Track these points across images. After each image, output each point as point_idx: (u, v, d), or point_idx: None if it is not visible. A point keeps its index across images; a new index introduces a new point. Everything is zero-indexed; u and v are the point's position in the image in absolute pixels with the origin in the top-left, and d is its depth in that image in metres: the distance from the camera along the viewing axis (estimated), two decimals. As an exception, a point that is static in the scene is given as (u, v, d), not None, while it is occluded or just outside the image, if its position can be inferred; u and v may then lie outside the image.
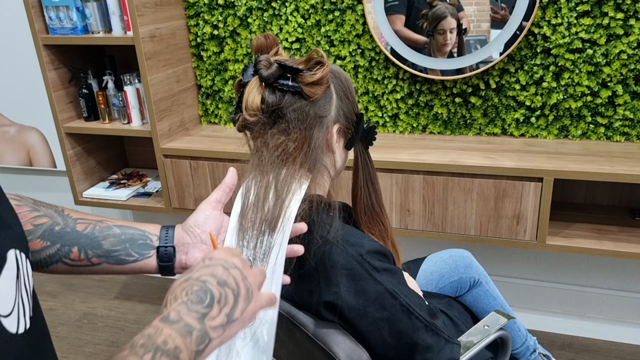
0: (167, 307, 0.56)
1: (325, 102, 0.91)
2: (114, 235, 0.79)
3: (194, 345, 0.53)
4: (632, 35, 1.64)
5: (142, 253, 0.80)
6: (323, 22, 1.91)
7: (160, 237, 0.81)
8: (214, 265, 0.62)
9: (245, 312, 0.61)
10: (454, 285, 1.40)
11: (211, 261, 0.62)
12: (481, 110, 1.87)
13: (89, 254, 0.78)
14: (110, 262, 0.79)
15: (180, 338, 0.52)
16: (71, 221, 0.79)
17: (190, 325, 0.54)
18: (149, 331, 0.52)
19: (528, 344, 1.45)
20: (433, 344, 0.95)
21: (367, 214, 1.07)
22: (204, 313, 0.56)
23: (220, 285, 0.59)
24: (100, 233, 0.79)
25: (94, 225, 0.80)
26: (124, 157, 2.44)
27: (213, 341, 0.56)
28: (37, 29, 1.95)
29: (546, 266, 2.06)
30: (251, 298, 0.62)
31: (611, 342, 2.04)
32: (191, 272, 0.61)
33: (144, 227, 0.82)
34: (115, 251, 0.79)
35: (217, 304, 0.58)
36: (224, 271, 0.61)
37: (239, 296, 0.60)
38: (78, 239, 0.78)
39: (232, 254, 0.65)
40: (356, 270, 0.89)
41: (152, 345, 0.50)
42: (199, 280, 0.59)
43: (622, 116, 1.74)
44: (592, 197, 1.87)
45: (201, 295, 0.57)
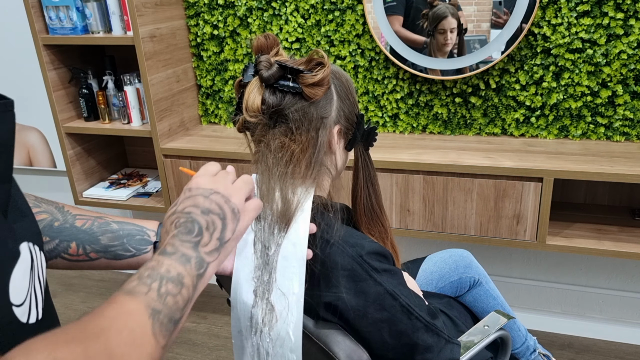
0: (162, 242, 0.59)
1: (325, 103, 0.91)
2: (112, 231, 0.81)
3: (194, 270, 0.57)
4: (632, 35, 1.64)
5: (140, 248, 0.81)
6: (323, 22, 1.91)
7: (158, 233, 0.82)
8: (195, 195, 0.64)
9: (237, 230, 0.64)
10: (454, 285, 1.40)
11: (191, 192, 0.64)
12: (481, 110, 1.87)
13: (87, 249, 0.79)
14: (108, 257, 0.80)
15: (181, 266, 0.56)
16: (70, 217, 0.80)
17: (186, 255, 0.57)
18: (152, 264, 0.55)
19: (528, 344, 1.45)
20: (433, 344, 0.95)
21: (366, 214, 1.07)
22: (196, 242, 0.59)
23: (204, 213, 0.62)
24: (98, 229, 0.80)
25: (93, 221, 0.81)
26: (124, 157, 2.44)
27: (211, 264, 0.60)
28: (37, 29, 1.95)
29: (546, 266, 2.06)
30: (238, 216, 0.65)
31: (611, 342, 2.04)
32: (175, 205, 0.64)
33: (142, 223, 0.83)
34: (113, 246, 0.80)
35: (207, 231, 0.61)
36: (205, 199, 0.63)
37: (226, 218, 0.63)
38: (77, 235, 0.79)
39: (210, 176, 0.67)
40: (356, 271, 0.89)
41: (157, 275, 0.53)
42: (184, 213, 0.62)
43: (622, 116, 1.74)
44: (592, 197, 1.87)
45: (189, 226, 0.60)
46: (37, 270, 0.51)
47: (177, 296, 0.53)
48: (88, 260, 0.80)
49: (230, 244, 0.63)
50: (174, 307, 0.52)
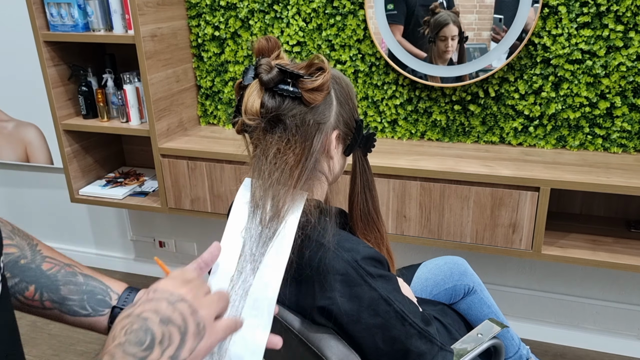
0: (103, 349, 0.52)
1: (325, 108, 0.91)
2: (76, 284, 0.76)
3: None
4: (631, 47, 1.64)
5: (97, 309, 0.76)
6: (324, 26, 1.91)
7: (121, 297, 0.76)
8: (158, 299, 0.56)
9: (197, 350, 0.55)
10: (448, 293, 1.40)
11: (155, 294, 0.57)
12: (480, 118, 1.87)
13: (44, 297, 0.74)
14: (63, 310, 0.75)
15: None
16: (39, 257, 0.76)
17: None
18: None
19: (521, 353, 1.45)
20: (426, 351, 0.95)
21: (363, 220, 1.07)
22: (143, 356, 0.51)
23: (163, 323, 0.54)
24: (62, 277, 0.75)
25: (60, 267, 0.76)
26: (121, 155, 2.44)
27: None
28: (37, 25, 1.95)
29: (541, 276, 2.06)
30: (203, 333, 0.56)
31: (604, 353, 2.04)
32: (133, 306, 0.56)
33: (110, 283, 0.78)
34: (70, 300, 0.75)
35: (159, 346, 0.52)
36: (169, 306, 0.55)
37: (187, 334, 0.55)
38: (39, 278, 0.74)
39: (183, 281, 0.59)
40: (351, 276, 0.88)
41: None
42: (140, 317, 0.54)
43: (620, 128, 1.74)
44: (588, 208, 1.87)
45: (140, 335, 0.52)
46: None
47: None
48: (41, 308, 0.75)
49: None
50: None
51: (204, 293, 0.60)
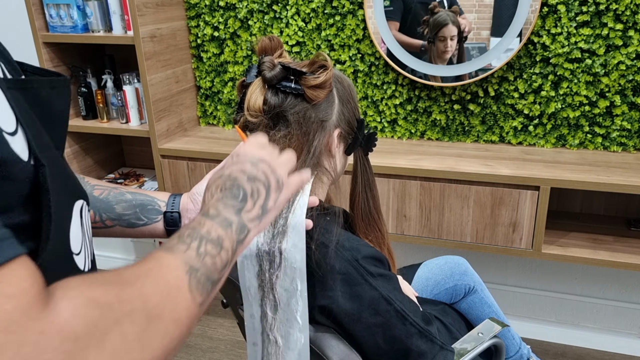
0: (205, 204, 0.60)
1: (327, 106, 0.91)
2: (126, 201, 0.86)
3: (235, 234, 0.57)
4: (631, 46, 1.64)
5: (151, 218, 0.86)
6: (324, 26, 1.91)
7: (168, 203, 0.87)
8: (243, 161, 0.64)
9: (278, 201, 0.65)
10: (449, 292, 1.40)
11: (239, 157, 0.65)
12: (479, 117, 1.87)
13: (103, 217, 0.84)
14: (123, 224, 0.85)
15: (222, 229, 0.56)
16: (89, 187, 0.85)
17: (228, 219, 0.58)
18: (193, 225, 0.55)
19: (522, 352, 1.45)
20: (427, 351, 0.95)
21: (364, 219, 1.07)
22: (240, 208, 0.60)
23: (250, 180, 0.62)
24: (113, 198, 0.85)
25: (109, 191, 0.86)
26: (121, 156, 2.44)
27: (251, 231, 0.60)
28: (37, 27, 1.95)
29: (541, 275, 2.06)
30: (282, 187, 0.65)
31: (605, 352, 2.04)
32: (222, 169, 0.65)
33: (154, 195, 0.88)
34: (126, 215, 0.85)
35: (251, 198, 0.61)
36: (253, 166, 0.64)
37: (270, 188, 0.63)
38: (94, 203, 0.84)
39: (259, 146, 0.67)
40: (351, 275, 0.89)
41: (197, 235, 0.54)
42: (231, 177, 0.62)
43: (620, 126, 1.74)
44: (588, 207, 1.88)
45: (235, 191, 0.61)
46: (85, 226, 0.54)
47: (215, 257, 0.53)
48: (104, 227, 0.84)
49: (271, 214, 0.64)
50: (212, 267, 0.52)
51: (277, 155, 0.68)
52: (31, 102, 0.45)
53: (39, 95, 0.47)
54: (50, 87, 0.49)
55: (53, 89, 0.49)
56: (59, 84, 0.50)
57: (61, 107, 0.51)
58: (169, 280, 0.47)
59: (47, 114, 0.48)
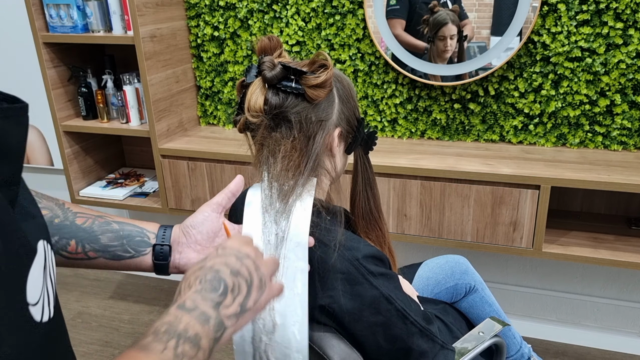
0: (182, 295, 0.57)
1: (327, 106, 0.91)
2: (112, 231, 0.80)
3: (212, 332, 0.55)
4: (631, 45, 1.64)
5: (139, 250, 0.80)
6: (324, 26, 1.91)
7: (158, 235, 0.82)
8: (227, 254, 0.62)
9: (258, 302, 0.62)
10: (449, 291, 1.40)
11: (224, 250, 0.63)
12: (480, 116, 1.87)
13: (86, 248, 0.78)
14: (107, 257, 0.80)
15: (199, 325, 0.54)
16: (71, 214, 0.80)
17: (206, 313, 0.55)
18: (169, 319, 0.53)
19: (522, 352, 1.45)
20: (428, 350, 0.95)
21: (364, 218, 1.07)
22: (218, 302, 0.57)
23: (233, 274, 0.60)
24: (98, 228, 0.80)
25: (93, 220, 0.80)
26: (121, 156, 2.44)
27: (227, 329, 0.57)
28: (37, 27, 1.95)
29: (542, 274, 2.06)
30: (264, 288, 0.63)
31: (605, 350, 2.04)
32: (204, 261, 0.62)
33: (142, 225, 0.82)
34: (112, 246, 0.80)
35: (231, 293, 0.59)
36: (237, 261, 0.62)
37: (252, 286, 0.61)
38: (76, 233, 0.78)
39: (245, 242, 0.66)
40: (352, 275, 0.89)
41: (175, 332, 0.51)
42: (213, 269, 0.60)
43: (620, 125, 1.74)
44: (589, 206, 1.88)
45: (215, 284, 0.58)
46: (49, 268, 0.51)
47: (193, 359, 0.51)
48: (86, 259, 0.79)
49: (249, 314, 0.61)
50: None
51: (262, 254, 0.66)
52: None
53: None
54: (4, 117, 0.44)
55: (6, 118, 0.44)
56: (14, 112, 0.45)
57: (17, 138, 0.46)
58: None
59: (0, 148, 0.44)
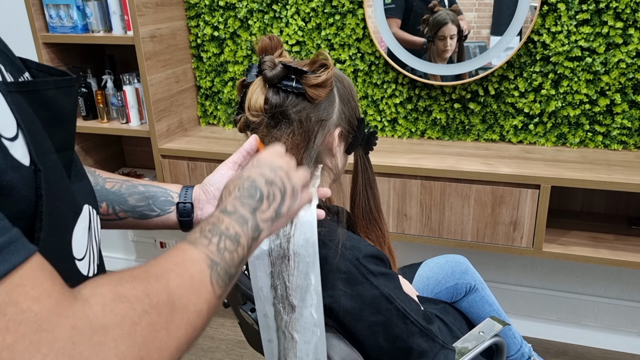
0: (223, 201, 0.62)
1: (328, 105, 0.91)
2: (139, 193, 0.87)
3: (250, 232, 0.60)
4: (631, 44, 1.64)
5: (164, 209, 0.87)
6: (323, 26, 1.91)
7: (180, 194, 0.88)
8: (262, 166, 0.67)
9: (291, 209, 0.67)
10: (449, 291, 1.40)
11: (259, 162, 0.67)
12: (480, 116, 1.87)
13: (116, 209, 0.85)
14: (136, 216, 0.86)
15: (239, 226, 0.59)
16: (101, 180, 0.86)
17: (244, 217, 0.60)
18: (213, 220, 0.58)
19: (523, 351, 1.45)
20: (428, 349, 0.95)
21: (364, 218, 1.07)
22: (255, 207, 0.62)
23: (268, 183, 0.64)
24: (126, 190, 0.86)
25: (121, 183, 0.87)
26: (121, 156, 2.44)
27: (263, 232, 0.62)
28: (37, 27, 1.95)
29: (542, 273, 2.06)
30: (296, 196, 0.68)
31: (606, 350, 2.04)
32: (242, 171, 0.67)
33: (166, 186, 0.89)
34: (139, 206, 0.86)
35: (267, 200, 0.63)
36: (271, 171, 0.66)
37: (285, 194, 0.66)
38: (107, 196, 0.85)
39: (278, 155, 0.69)
40: (353, 274, 0.89)
41: (217, 230, 0.56)
42: (250, 179, 0.64)
43: (620, 125, 1.74)
44: (589, 205, 1.87)
45: (252, 191, 0.63)
46: (94, 230, 0.55)
47: (233, 253, 0.56)
48: (117, 219, 0.85)
49: (282, 219, 0.66)
50: (230, 262, 0.55)
51: (294, 166, 0.71)
52: (36, 104, 0.45)
53: (44, 97, 0.47)
54: (56, 88, 0.49)
55: (59, 89, 0.49)
56: (65, 83, 0.50)
57: (68, 107, 0.52)
58: (193, 274, 0.50)
59: (54, 116, 0.49)
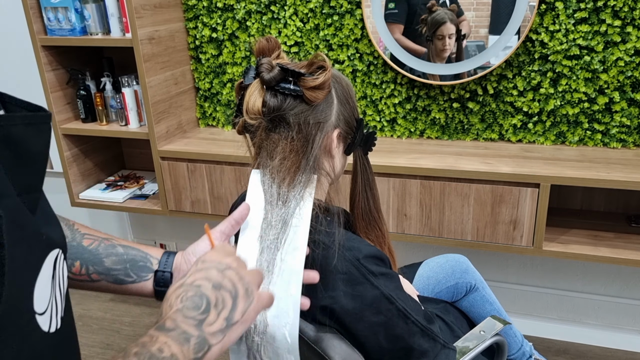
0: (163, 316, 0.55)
1: (326, 107, 0.91)
2: (117, 255, 0.80)
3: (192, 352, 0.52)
4: (629, 42, 1.64)
5: (141, 275, 0.80)
6: (322, 26, 1.91)
7: (161, 261, 0.81)
8: (208, 268, 0.60)
9: (247, 314, 0.59)
10: (450, 290, 1.40)
11: (204, 264, 0.61)
12: (479, 115, 1.87)
13: (89, 270, 0.79)
14: (109, 280, 0.80)
15: (177, 345, 0.51)
16: (78, 235, 0.80)
17: (187, 333, 0.52)
18: (144, 340, 0.50)
19: (524, 350, 1.45)
20: (429, 349, 0.95)
21: (364, 219, 1.07)
22: (201, 319, 0.54)
23: (215, 288, 0.57)
24: (104, 250, 0.80)
25: (100, 242, 0.81)
26: (121, 159, 2.44)
27: (213, 347, 0.54)
28: (35, 30, 1.95)
29: (542, 272, 2.07)
30: (251, 297, 0.60)
31: (607, 348, 2.04)
32: (184, 277, 0.60)
33: (147, 250, 0.83)
34: (115, 270, 0.80)
35: (215, 309, 0.56)
36: (219, 273, 0.59)
37: (237, 297, 0.59)
38: (82, 254, 0.78)
39: (226, 253, 0.63)
40: (353, 275, 0.89)
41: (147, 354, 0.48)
42: (193, 285, 0.57)
43: (619, 123, 1.74)
44: (589, 204, 1.88)
45: (196, 300, 0.56)
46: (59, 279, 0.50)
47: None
48: (89, 281, 0.79)
49: (238, 327, 0.58)
50: None
51: (245, 264, 0.64)
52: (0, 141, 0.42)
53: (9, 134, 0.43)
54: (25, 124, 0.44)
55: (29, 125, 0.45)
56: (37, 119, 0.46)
57: (39, 145, 0.47)
58: None
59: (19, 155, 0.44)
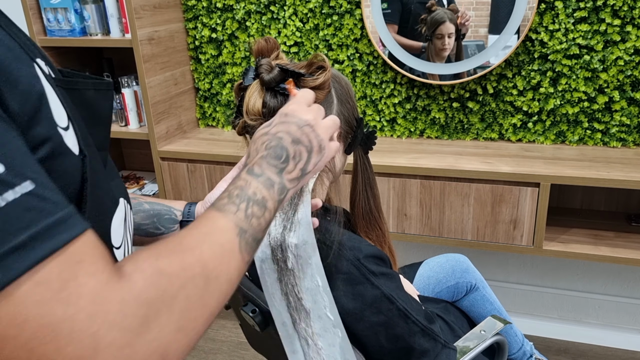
0: (251, 159, 0.64)
1: (326, 107, 0.91)
2: (144, 211, 0.89)
3: (276, 195, 0.61)
4: (629, 41, 1.64)
5: (168, 227, 0.89)
6: (321, 26, 1.91)
7: (184, 212, 0.90)
8: (289, 122, 0.68)
9: (317, 165, 0.69)
10: (450, 290, 1.40)
11: (287, 117, 0.69)
12: (479, 115, 1.87)
13: None
14: (141, 234, 0.88)
15: (266, 190, 0.60)
16: None
17: (271, 179, 0.62)
18: (240, 183, 0.60)
19: (525, 349, 1.45)
20: (430, 349, 0.95)
21: (365, 218, 1.07)
22: (282, 168, 0.63)
23: (294, 142, 0.66)
24: (133, 208, 0.86)
25: None
26: (121, 159, 2.44)
27: (289, 191, 0.64)
28: (35, 31, 1.95)
29: (543, 271, 2.06)
30: (323, 151, 0.69)
31: (607, 347, 2.04)
32: (269, 125, 0.68)
33: (170, 204, 0.91)
34: (144, 225, 0.88)
35: (293, 160, 0.65)
36: (298, 129, 0.67)
37: (312, 151, 0.67)
38: None
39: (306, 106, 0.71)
40: (354, 275, 0.89)
41: (245, 196, 0.58)
42: (276, 137, 0.66)
43: (619, 122, 1.74)
44: (589, 203, 1.88)
45: (278, 151, 0.64)
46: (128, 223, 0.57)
47: (260, 218, 0.57)
48: None
49: (308, 176, 0.67)
50: (257, 228, 0.57)
51: (321, 117, 0.71)
52: (76, 102, 0.49)
53: (84, 96, 0.51)
54: (95, 89, 0.53)
55: (97, 91, 0.53)
56: (102, 86, 0.54)
57: (105, 109, 0.55)
58: (223, 244, 0.52)
59: (92, 116, 0.52)
